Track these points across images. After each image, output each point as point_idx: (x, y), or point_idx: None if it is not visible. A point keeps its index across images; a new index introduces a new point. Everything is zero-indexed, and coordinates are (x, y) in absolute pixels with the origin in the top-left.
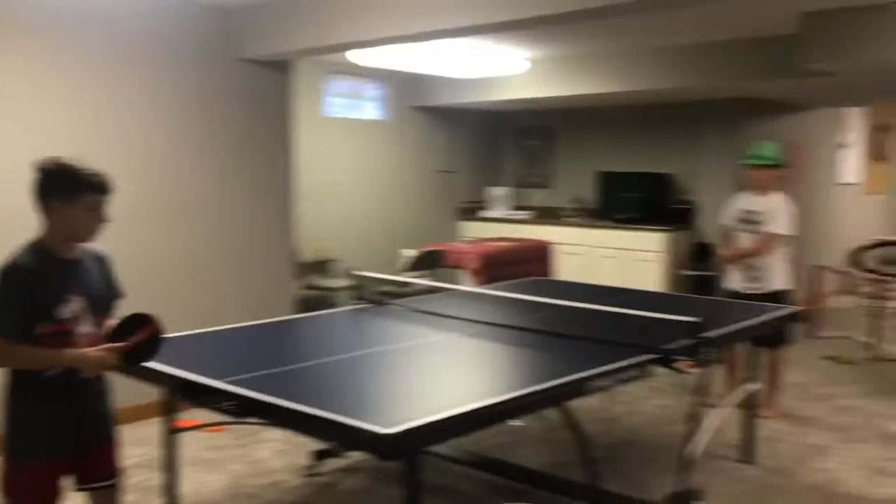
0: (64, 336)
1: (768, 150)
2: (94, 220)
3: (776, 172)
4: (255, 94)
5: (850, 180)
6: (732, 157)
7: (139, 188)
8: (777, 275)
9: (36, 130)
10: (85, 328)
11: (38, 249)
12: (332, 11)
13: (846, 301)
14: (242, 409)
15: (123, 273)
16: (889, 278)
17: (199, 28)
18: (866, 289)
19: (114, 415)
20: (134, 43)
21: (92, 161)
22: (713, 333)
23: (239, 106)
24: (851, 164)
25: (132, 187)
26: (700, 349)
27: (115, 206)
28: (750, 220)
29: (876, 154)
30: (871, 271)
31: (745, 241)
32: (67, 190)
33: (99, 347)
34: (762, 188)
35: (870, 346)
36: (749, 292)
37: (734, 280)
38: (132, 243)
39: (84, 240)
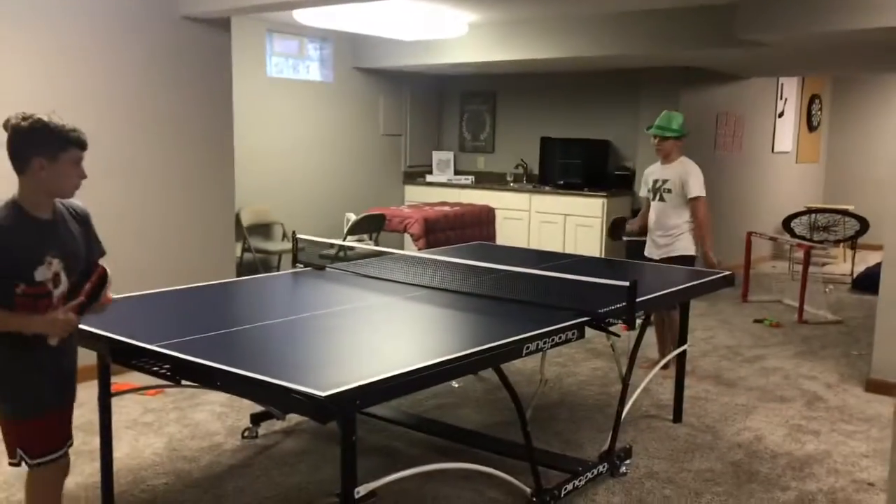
0: (41, 297)
1: (670, 120)
2: (78, 175)
3: (679, 142)
4: (197, 52)
5: (785, 149)
6: None
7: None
8: (683, 241)
9: None
10: (61, 288)
11: (13, 209)
12: None
13: (777, 266)
14: (175, 372)
15: None
16: (816, 244)
17: None
18: (795, 254)
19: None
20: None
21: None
22: (645, 297)
23: (180, 64)
24: (786, 133)
25: None
26: (630, 312)
27: None
28: (660, 189)
29: (808, 123)
30: (798, 237)
31: (659, 209)
32: (53, 147)
33: (62, 309)
34: (666, 157)
35: (797, 310)
36: (658, 258)
37: (646, 247)
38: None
39: (68, 196)
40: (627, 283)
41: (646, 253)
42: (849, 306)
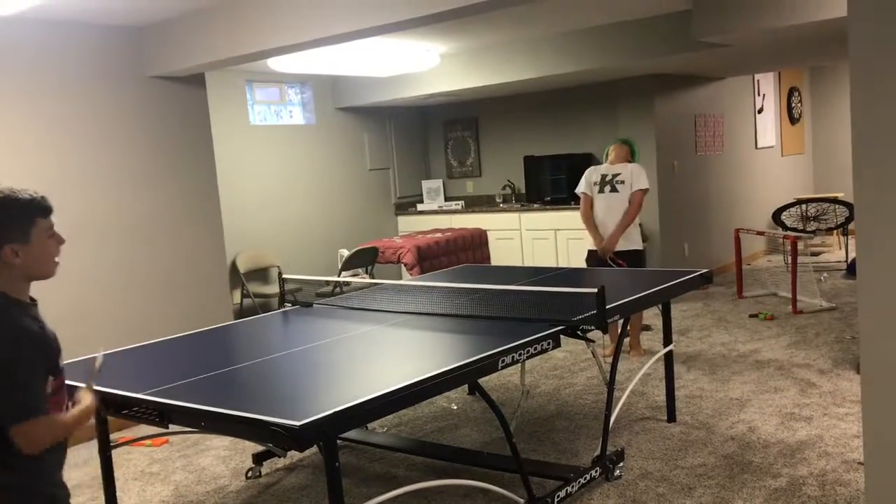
0: (61, 390)
1: (623, 137)
2: (57, 243)
3: (630, 155)
4: (172, 108)
5: (769, 144)
6: (649, 132)
7: (64, 210)
8: (632, 235)
9: None
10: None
11: (10, 301)
12: (241, 22)
13: (773, 260)
14: (162, 417)
15: (57, 294)
16: (803, 234)
17: (107, 50)
18: (786, 246)
19: None
20: (44, 68)
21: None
22: (620, 301)
23: (156, 122)
24: (768, 127)
25: (58, 212)
26: (602, 318)
27: None
28: (611, 182)
29: (789, 116)
30: (790, 229)
31: (609, 200)
32: (21, 225)
33: (89, 394)
34: (616, 159)
35: (791, 301)
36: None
37: (593, 243)
38: (60, 269)
39: (51, 274)
40: (596, 290)
41: (593, 247)
42: (843, 292)
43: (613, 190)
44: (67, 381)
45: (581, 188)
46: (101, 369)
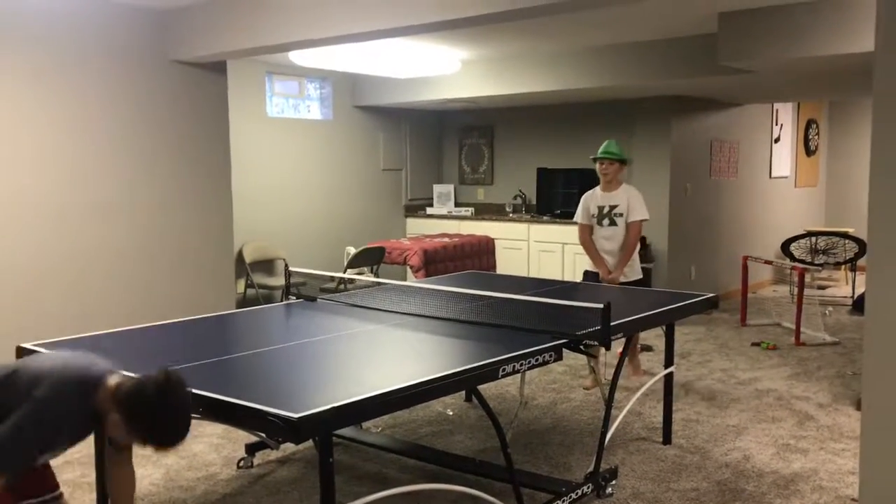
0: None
1: (614, 146)
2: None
3: (622, 167)
4: (192, 95)
5: (783, 174)
6: (664, 153)
7: (74, 188)
8: (633, 265)
9: None
10: None
11: (89, 398)
12: (267, 13)
13: (778, 290)
14: None
15: (61, 270)
16: (813, 267)
17: (131, 31)
18: (795, 277)
19: None
20: (64, 44)
21: (26, 165)
22: (622, 320)
23: (175, 107)
24: (783, 158)
25: (72, 189)
26: (605, 334)
27: (54, 207)
28: (608, 214)
29: (805, 148)
30: (798, 260)
31: (610, 234)
32: (143, 429)
33: None
34: (610, 181)
35: (794, 332)
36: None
37: (600, 273)
38: (72, 244)
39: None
40: (602, 306)
41: (591, 268)
42: (847, 327)
43: (612, 223)
44: None
45: (579, 217)
46: None
